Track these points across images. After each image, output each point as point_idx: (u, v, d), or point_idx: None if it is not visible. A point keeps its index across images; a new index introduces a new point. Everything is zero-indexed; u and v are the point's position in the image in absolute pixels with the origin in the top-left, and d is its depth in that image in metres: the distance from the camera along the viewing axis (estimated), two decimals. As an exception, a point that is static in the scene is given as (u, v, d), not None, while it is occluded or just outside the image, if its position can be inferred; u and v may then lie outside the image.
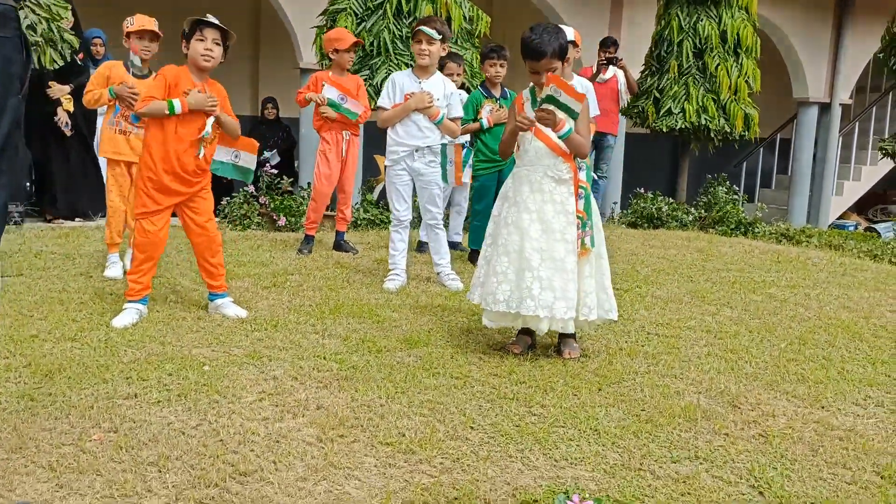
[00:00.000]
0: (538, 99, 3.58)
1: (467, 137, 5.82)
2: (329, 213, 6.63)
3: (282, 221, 7.23)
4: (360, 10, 7.78)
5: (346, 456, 2.48)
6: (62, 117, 7.28)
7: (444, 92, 4.92)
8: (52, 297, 4.20)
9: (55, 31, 6.56)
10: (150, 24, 4.76)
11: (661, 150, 13.02)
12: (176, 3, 11.05)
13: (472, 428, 2.76)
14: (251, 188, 7.88)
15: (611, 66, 8.37)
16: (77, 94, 6.58)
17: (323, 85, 5.80)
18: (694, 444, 2.78)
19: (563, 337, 3.68)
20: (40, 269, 4.88)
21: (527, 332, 3.71)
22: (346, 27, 7.59)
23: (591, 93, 5.48)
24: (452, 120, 4.96)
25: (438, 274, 5.14)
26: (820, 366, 3.74)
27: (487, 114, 5.62)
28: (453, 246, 6.39)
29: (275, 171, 8.04)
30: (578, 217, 3.53)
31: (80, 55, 7.31)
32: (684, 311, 4.65)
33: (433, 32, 4.80)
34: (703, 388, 3.33)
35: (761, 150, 14.46)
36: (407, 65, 7.10)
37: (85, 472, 2.27)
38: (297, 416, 2.76)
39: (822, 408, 3.21)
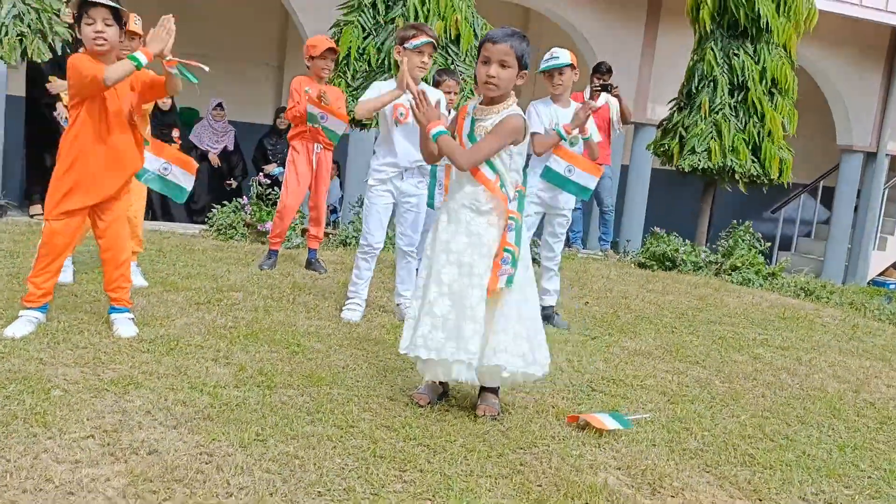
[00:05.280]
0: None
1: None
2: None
3: (267, 225, 6.89)
4: (370, 25, 7.52)
5: (145, 517, 2.10)
6: (62, 112, 7.12)
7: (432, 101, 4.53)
8: (-44, 297, 3.93)
9: (45, 22, 6.41)
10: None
11: (693, 190, 12.48)
12: (201, 7, 10.99)
13: (318, 493, 2.36)
14: (244, 199, 7.64)
15: (603, 93, 7.88)
16: None
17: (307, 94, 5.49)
18: (581, 535, 2.33)
19: (484, 391, 3.24)
20: (-28, 266, 4.64)
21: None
22: (351, 41, 7.35)
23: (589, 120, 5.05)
24: None
25: (398, 304, 4.75)
26: (777, 446, 3.24)
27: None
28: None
29: (267, 181, 7.77)
30: (508, 251, 3.07)
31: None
32: (647, 366, 4.17)
33: (434, 42, 4.44)
34: (625, 464, 2.87)
35: (801, 197, 13.76)
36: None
37: None
38: (119, 461, 2.39)
39: (759, 500, 2.73)
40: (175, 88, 3.62)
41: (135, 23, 4.55)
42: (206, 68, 4.23)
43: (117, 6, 3.48)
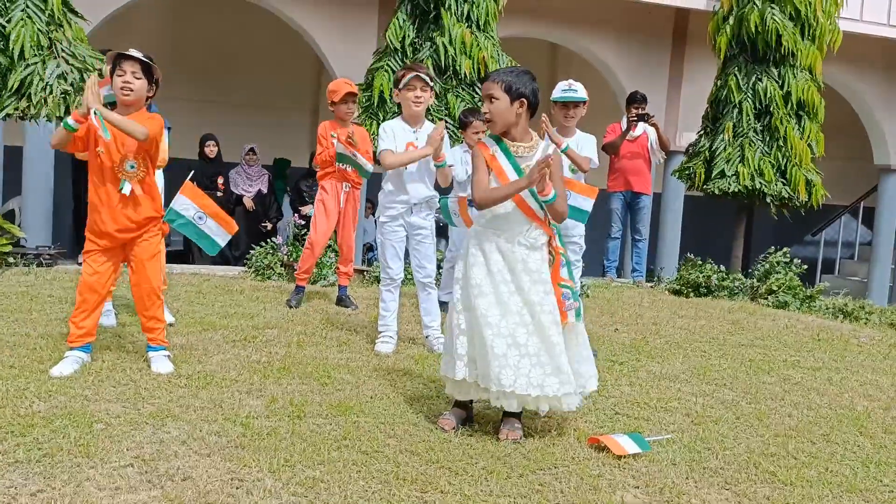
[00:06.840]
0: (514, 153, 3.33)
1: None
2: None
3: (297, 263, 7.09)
4: (399, 69, 7.79)
5: (178, 537, 2.24)
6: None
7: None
8: (7, 341, 4.15)
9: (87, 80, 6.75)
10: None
11: (728, 216, 12.43)
12: (240, 56, 11.39)
13: (342, 513, 2.48)
14: (279, 239, 7.87)
15: (640, 123, 7.99)
16: None
17: (333, 142, 5.71)
18: (596, 550, 2.41)
19: (507, 415, 3.34)
20: (23, 312, 4.88)
21: (462, 405, 3.40)
22: (382, 85, 7.62)
23: (591, 143, 5.14)
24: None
25: (427, 336, 4.87)
26: (800, 464, 3.26)
27: None
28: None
29: (302, 223, 8.00)
30: (566, 286, 3.27)
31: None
32: (673, 389, 4.22)
33: (427, 78, 4.63)
34: (643, 483, 2.93)
35: (843, 219, 13.60)
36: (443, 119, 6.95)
37: None
38: (155, 487, 2.54)
39: (777, 515, 2.77)
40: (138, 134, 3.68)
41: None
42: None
43: (147, 60, 3.71)
